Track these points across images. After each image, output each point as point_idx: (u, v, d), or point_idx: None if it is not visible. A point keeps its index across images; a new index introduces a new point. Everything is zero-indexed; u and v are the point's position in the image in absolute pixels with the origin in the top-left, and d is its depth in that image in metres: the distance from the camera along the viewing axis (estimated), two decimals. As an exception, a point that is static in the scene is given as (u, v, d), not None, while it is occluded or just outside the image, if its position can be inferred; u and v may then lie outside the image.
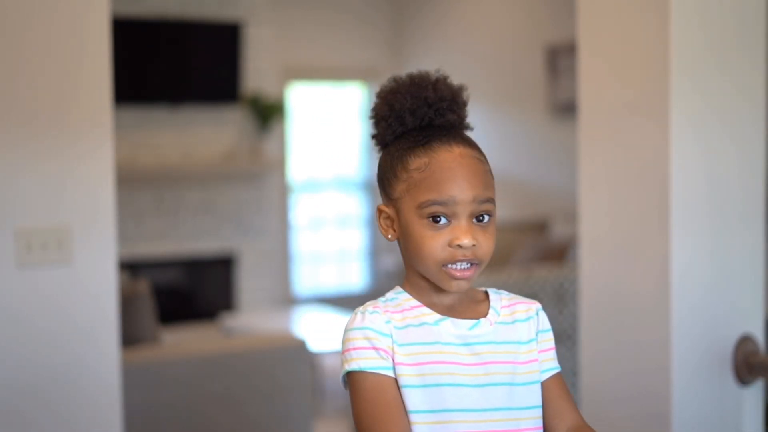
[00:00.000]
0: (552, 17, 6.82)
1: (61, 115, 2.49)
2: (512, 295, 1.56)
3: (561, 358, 3.47)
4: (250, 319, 6.69)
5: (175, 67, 7.13)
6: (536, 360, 1.51)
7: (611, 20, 2.27)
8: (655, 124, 2.13)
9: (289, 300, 7.89)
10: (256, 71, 7.43)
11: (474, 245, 1.43)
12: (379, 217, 1.52)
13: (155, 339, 3.66)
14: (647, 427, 2.18)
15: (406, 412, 1.43)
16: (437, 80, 1.51)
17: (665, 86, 2.10)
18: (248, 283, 7.56)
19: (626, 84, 2.22)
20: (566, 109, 6.54)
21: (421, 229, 1.44)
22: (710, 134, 2.16)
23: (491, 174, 1.49)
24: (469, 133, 1.54)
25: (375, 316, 1.46)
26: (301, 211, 8.18)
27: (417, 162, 1.46)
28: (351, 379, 1.45)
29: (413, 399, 1.44)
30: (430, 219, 1.44)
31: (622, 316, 2.25)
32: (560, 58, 6.68)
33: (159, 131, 7.13)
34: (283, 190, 7.92)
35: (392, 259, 7.48)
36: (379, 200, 1.54)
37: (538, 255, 5.84)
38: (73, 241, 2.51)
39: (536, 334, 1.53)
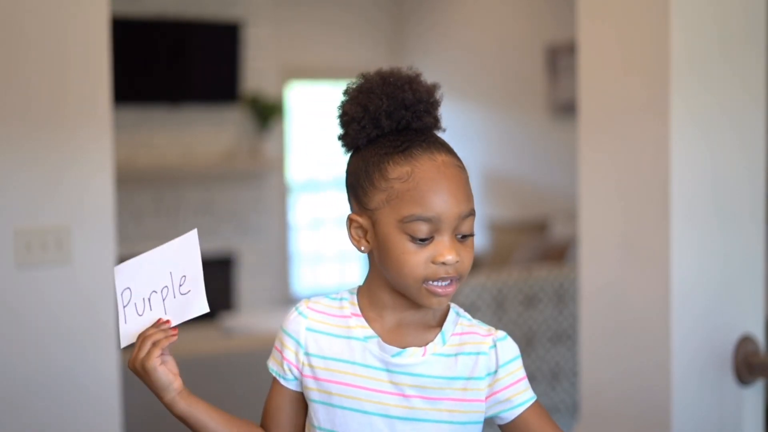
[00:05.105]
0: (552, 17, 6.82)
1: (61, 114, 2.49)
2: (473, 323, 1.44)
3: (561, 358, 3.47)
4: (249, 319, 6.68)
5: (174, 67, 7.13)
6: (479, 400, 1.39)
7: (611, 20, 2.27)
8: (655, 124, 2.13)
9: (289, 300, 7.88)
10: (255, 71, 7.42)
11: (457, 261, 1.35)
12: (350, 227, 1.42)
13: (155, 339, 3.65)
14: (647, 427, 2.18)
15: (292, 423, 1.46)
16: (412, 79, 1.39)
17: (666, 86, 2.09)
18: (248, 283, 7.55)
19: (626, 84, 2.22)
20: (566, 109, 6.54)
21: (402, 243, 1.35)
22: (711, 134, 2.15)
23: (469, 180, 1.41)
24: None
25: (300, 320, 1.44)
26: (301, 211, 8.18)
27: (398, 171, 1.35)
28: None
29: (318, 415, 1.41)
30: (412, 234, 1.34)
31: (622, 316, 2.25)
32: (560, 58, 6.68)
33: (158, 131, 7.13)
34: (282, 190, 7.92)
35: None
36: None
37: (538, 255, 5.84)
38: (72, 241, 2.50)
39: (494, 371, 1.40)
